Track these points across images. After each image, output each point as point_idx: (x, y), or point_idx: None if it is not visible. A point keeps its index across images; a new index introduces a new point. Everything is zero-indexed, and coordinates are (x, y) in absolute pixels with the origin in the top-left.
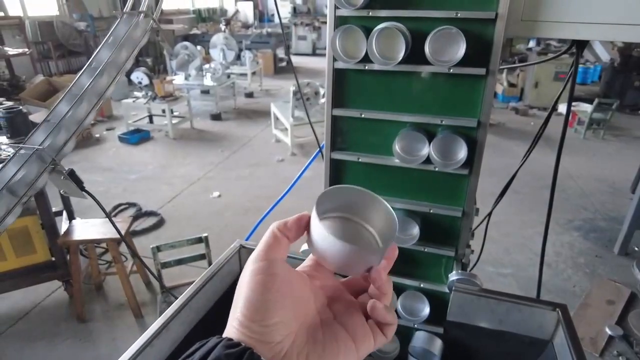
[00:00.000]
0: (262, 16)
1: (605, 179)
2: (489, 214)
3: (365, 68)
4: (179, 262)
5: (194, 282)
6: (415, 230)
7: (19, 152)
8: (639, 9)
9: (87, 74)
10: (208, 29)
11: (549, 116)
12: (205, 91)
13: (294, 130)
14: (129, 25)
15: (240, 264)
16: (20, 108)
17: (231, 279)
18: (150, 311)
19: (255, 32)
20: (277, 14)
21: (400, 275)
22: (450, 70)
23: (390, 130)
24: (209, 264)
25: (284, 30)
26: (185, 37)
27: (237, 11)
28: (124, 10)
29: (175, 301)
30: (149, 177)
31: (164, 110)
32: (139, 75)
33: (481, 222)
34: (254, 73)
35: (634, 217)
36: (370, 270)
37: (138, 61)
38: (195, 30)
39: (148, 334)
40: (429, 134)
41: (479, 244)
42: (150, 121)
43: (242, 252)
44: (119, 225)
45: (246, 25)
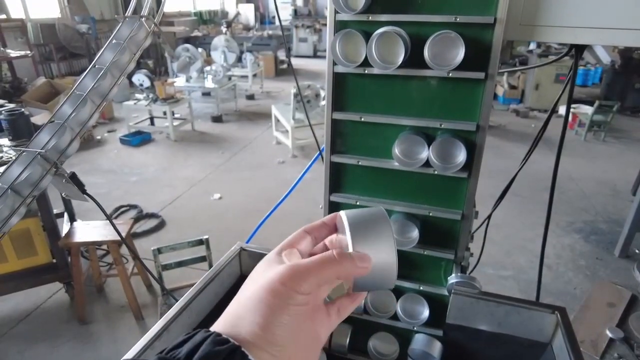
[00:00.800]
0: (263, 18)
1: (606, 181)
2: (489, 217)
3: (365, 72)
4: (179, 264)
5: (194, 284)
6: (414, 233)
7: (22, 155)
8: (637, 14)
9: (91, 75)
10: (209, 31)
11: (548, 118)
12: (207, 93)
13: (295, 132)
14: (132, 27)
15: (241, 267)
16: (22, 110)
17: (232, 281)
18: (151, 313)
19: (257, 34)
20: (278, 17)
21: (399, 278)
22: (450, 74)
23: (390, 134)
24: (210, 266)
25: (284, 33)
26: (187, 40)
27: (238, 13)
28: (125, 14)
29: (176, 303)
30: (150, 179)
31: (165, 113)
32: (140, 78)
33: (480, 225)
34: (255, 75)
35: (634, 220)
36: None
37: (139, 63)
38: (196, 33)
39: (149, 336)
40: (429, 137)
41: (479, 246)
42: (152, 123)
43: (243, 255)
44: (120, 228)
45: (247, 28)
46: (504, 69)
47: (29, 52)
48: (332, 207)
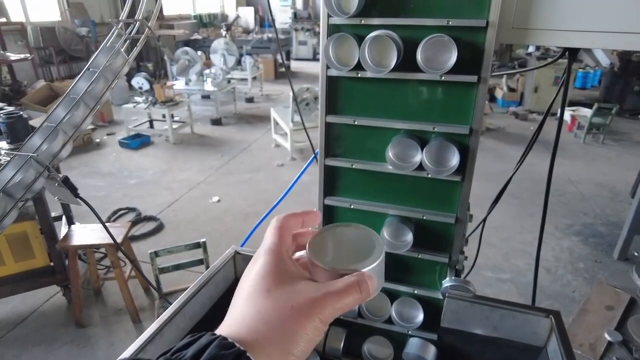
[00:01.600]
0: (263, 21)
1: (605, 183)
2: (484, 220)
3: (358, 75)
4: (177, 268)
5: (188, 288)
6: (409, 237)
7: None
8: (630, 17)
9: (84, 79)
10: (209, 34)
11: (543, 121)
12: (206, 96)
13: (294, 135)
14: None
15: (235, 270)
16: (21, 113)
17: (226, 285)
18: (149, 316)
19: (256, 37)
20: (273, 24)
21: (394, 282)
22: (442, 78)
23: (384, 137)
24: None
25: (278, 39)
26: (186, 43)
27: (238, 16)
28: (120, 18)
29: (169, 307)
30: (149, 182)
31: (164, 115)
32: (139, 81)
33: (475, 228)
34: (254, 78)
35: (633, 222)
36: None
37: (139, 66)
38: (196, 36)
39: (141, 340)
40: (422, 140)
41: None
42: (151, 126)
43: (237, 259)
44: (118, 230)
45: (247, 31)
46: (501, 72)
47: (28, 55)
48: (327, 211)
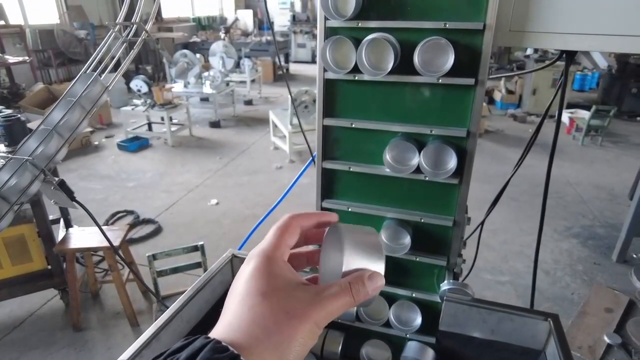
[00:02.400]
0: (262, 24)
1: (603, 185)
2: (482, 223)
3: (355, 78)
4: (175, 271)
5: (185, 291)
6: (406, 240)
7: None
8: (627, 20)
9: (81, 82)
10: (208, 37)
11: (541, 123)
12: (205, 99)
13: (293, 137)
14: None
15: (233, 274)
16: (19, 116)
17: (223, 288)
18: (147, 319)
19: (255, 40)
20: (271, 27)
21: (392, 285)
22: (440, 81)
23: (381, 140)
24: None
25: (275, 42)
26: (185, 45)
27: (237, 19)
28: (117, 21)
29: (166, 311)
30: (147, 185)
31: (162, 118)
32: (138, 83)
33: (474, 231)
34: (253, 81)
35: (632, 224)
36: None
37: (137, 69)
38: (195, 38)
39: (138, 344)
40: (419, 143)
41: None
42: (149, 129)
43: (235, 262)
44: (116, 233)
45: (246, 33)
46: (499, 74)
47: (27, 58)
48: None
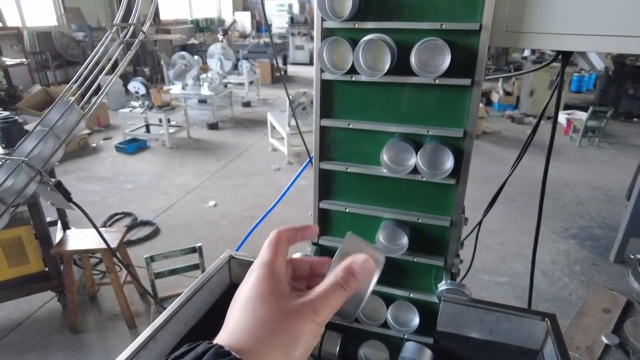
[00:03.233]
0: (260, 26)
1: (601, 186)
2: (479, 224)
3: (352, 79)
4: (172, 272)
5: (182, 293)
6: (404, 240)
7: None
8: (623, 21)
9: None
10: (206, 39)
11: (537, 124)
12: (203, 100)
13: (291, 139)
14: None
15: (230, 275)
16: (16, 118)
17: (221, 289)
18: (145, 322)
19: (253, 42)
20: (269, 29)
21: (389, 286)
22: (436, 81)
23: (378, 141)
24: None
25: (273, 44)
26: (183, 47)
27: (235, 21)
28: (114, 22)
29: (163, 312)
30: (145, 187)
31: (160, 120)
32: (135, 85)
33: (471, 232)
34: (251, 82)
35: (629, 225)
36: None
37: (135, 71)
38: (193, 40)
39: (134, 345)
40: (416, 144)
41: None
42: (147, 131)
43: (232, 263)
44: (114, 235)
45: (244, 35)
46: (496, 75)
47: (24, 60)
48: (322, 214)
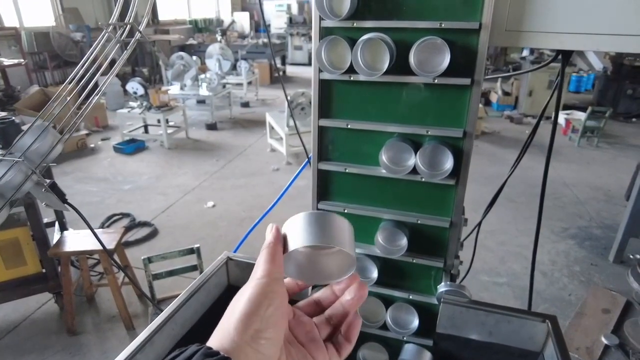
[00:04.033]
0: (258, 26)
1: (600, 186)
2: (479, 224)
3: (351, 79)
4: (170, 274)
5: (179, 295)
6: (403, 241)
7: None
8: (623, 20)
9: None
10: (204, 39)
11: (537, 124)
12: (201, 101)
13: (289, 139)
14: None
15: (228, 276)
16: (13, 118)
17: (218, 291)
18: (143, 323)
19: (252, 42)
20: (267, 30)
21: (389, 287)
22: (435, 81)
23: (377, 141)
24: None
25: (271, 44)
26: (182, 48)
27: (234, 21)
28: (109, 21)
29: (160, 315)
30: (144, 187)
31: (159, 120)
32: (134, 86)
33: (471, 232)
34: (250, 83)
35: (628, 225)
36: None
37: (134, 71)
38: (191, 41)
39: (130, 348)
40: (415, 144)
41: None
42: (146, 131)
43: (230, 265)
44: (112, 236)
45: (242, 36)
46: (494, 75)
47: (22, 60)
48: None
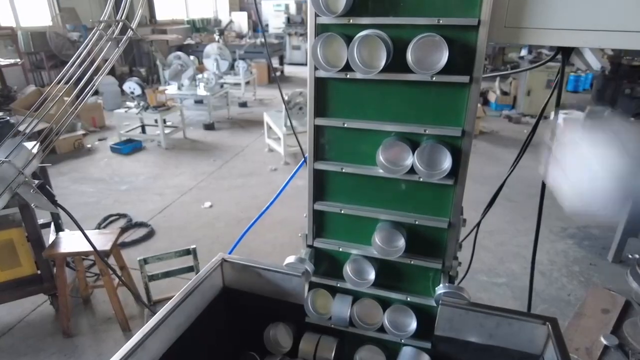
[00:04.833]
0: (256, 26)
1: None
2: (478, 225)
3: (347, 77)
4: (166, 275)
5: (172, 297)
6: (401, 242)
7: None
8: (623, 16)
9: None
10: (202, 39)
11: (537, 123)
12: (199, 101)
13: (287, 139)
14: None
15: (223, 278)
16: (7, 119)
17: (213, 293)
18: (139, 324)
19: (249, 42)
20: (263, 31)
21: (386, 289)
22: (433, 79)
23: (374, 140)
24: None
25: (267, 45)
26: (179, 47)
27: (232, 21)
28: (100, 19)
29: (152, 318)
30: (140, 188)
31: (156, 120)
32: (131, 85)
33: (470, 233)
34: (247, 83)
35: (627, 225)
36: None
37: (131, 71)
38: (189, 41)
39: (122, 352)
40: (413, 143)
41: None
42: (143, 131)
43: (225, 266)
44: (108, 237)
45: (240, 36)
46: (493, 74)
47: (19, 60)
48: (317, 216)
